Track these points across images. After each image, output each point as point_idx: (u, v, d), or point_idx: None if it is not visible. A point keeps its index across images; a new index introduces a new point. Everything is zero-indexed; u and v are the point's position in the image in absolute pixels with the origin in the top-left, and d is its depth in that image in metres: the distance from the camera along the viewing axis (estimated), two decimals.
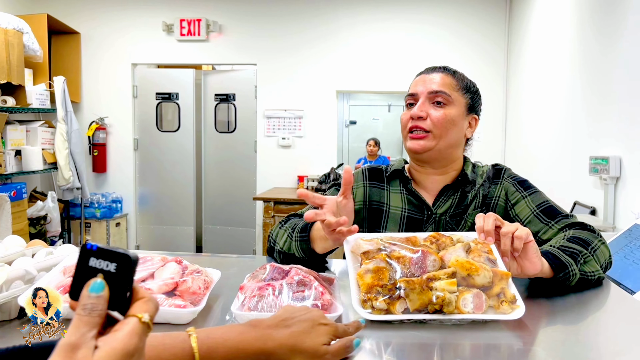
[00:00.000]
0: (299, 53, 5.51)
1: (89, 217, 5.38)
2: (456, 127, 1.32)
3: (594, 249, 1.11)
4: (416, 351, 0.78)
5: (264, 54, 5.52)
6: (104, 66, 5.64)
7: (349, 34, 5.44)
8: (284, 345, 0.66)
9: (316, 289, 0.81)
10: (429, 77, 1.33)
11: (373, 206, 1.39)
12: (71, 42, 5.61)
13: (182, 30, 5.53)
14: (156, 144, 5.75)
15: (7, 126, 4.58)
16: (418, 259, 0.88)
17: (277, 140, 5.56)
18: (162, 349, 0.61)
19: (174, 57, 5.62)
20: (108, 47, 5.63)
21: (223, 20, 5.53)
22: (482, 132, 5.34)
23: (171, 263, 0.88)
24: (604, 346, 0.83)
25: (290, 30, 5.49)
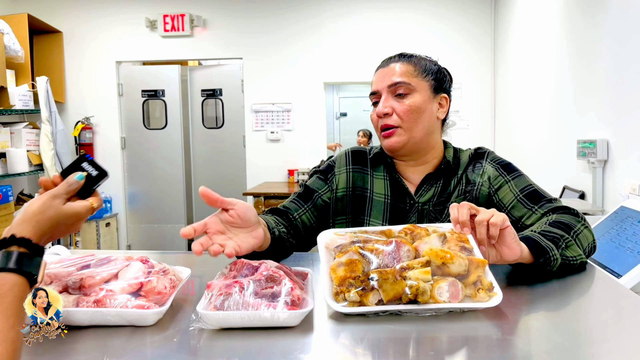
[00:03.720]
0: (285, 46, 5.45)
1: None
2: (425, 113, 1.29)
3: (577, 233, 1.09)
4: (391, 345, 0.75)
5: (250, 47, 5.47)
6: (87, 65, 5.57)
7: (334, 25, 5.39)
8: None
9: (286, 285, 0.78)
10: (387, 70, 1.30)
11: (357, 192, 1.36)
12: (53, 42, 5.53)
13: (166, 26, 5.46)
14: (144, 142, 5.70)
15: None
16: (392, 250, 0.85)
17: (265, 135, 5.52)
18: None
19: (158, 53, 5.56)
20: (91, 45, 5.55)
21: (207, 15, 5.47)
22: (470, 118, 5.33)
23: (136, 262, 0.85)
24: (586, 333, 0.81)
25: (275, 23, 5.43)
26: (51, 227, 0.75)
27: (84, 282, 0.80)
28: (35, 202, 0.76)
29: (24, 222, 0.73)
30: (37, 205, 0.75)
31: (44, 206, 0.76)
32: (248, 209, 0.95)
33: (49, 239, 0.77)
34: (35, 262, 0.70)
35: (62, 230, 0.78)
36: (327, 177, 1.38)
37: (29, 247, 0.70)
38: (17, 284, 0.66)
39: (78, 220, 0.80)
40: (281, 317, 0.75)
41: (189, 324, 0.78)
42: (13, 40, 4.70)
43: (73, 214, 0.79)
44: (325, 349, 0.74)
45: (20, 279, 0.67)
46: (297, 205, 1.33)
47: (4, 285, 0.65)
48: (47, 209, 0.76)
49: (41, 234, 0.73)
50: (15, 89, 4.78)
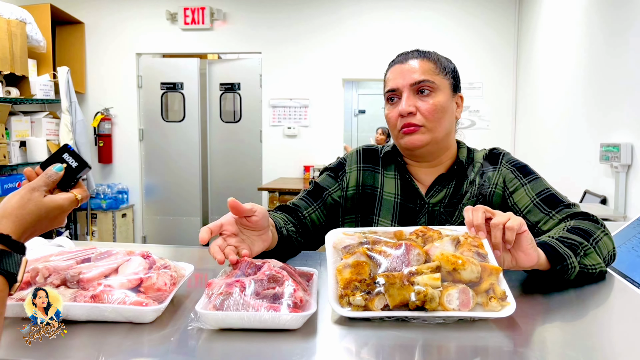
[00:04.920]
0: (304, 41, 5.42)
1: (95, 208, 5.37)
2: (447, 113, 1.24)
3: (596, 240, 1.04)
4: (396, 353, 0.71)
5: (269, 42, 5.45)
6: (108, 56, 5.60)
7: (355, 22, 5.34)
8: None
9: (288, 286, 0.75)
10: (406, 67, 1.23)
11: (366, 191, 1.32)
12: (75, 32, 5.58)
13: (186, 19, 5.47)
14: (162, 135, 5.72)
15: (12, 117, 4.57)
16: (401, 253, 0.82)
17: (282, 130, 5.50)
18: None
19: (178, 46, 5.57)
20: (112, 37, 5.59)
21: (227, 8, 5.46)
22: (491, 118, 5.24)
23: (137, 257, 0.83)
24: (603, 347, 0.77)
25: (295, 17, 5.40)
26: (33, 222, 0.72)
27: (82, 276, 0.78)
28: (13, 196, 0.73)
29: (3, 217, 0.70)
30: (16, 199, 0.72)
31: (23, 200, 0.73)
32: (265, 217, 0.98)
33: (31, 235, 0.74)
34: (16, 260, 0.66)
35: (45, 224, 0.75)
36: (337, 175, 1.35)
37: (9, 244, 0.67)
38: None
39: (61, 213, 0.77)
40: (282, 320, 0.72)
41: (188, 323, 0.75)
42: (35, 30, 4.75)
43: (55, 207, 0.76)
44: (327, 354, 0.71)
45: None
46: (307, 203, 1.31)
47: None
48: (27, 203, 0.72)
49: (22, 229, 0.71)
50: (37, 79, 4.84)
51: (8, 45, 4.33)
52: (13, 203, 0.72)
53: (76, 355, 0.69)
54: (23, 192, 0.74)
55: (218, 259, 0.86)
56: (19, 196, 0.73)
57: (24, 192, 0.74)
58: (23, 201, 0.73)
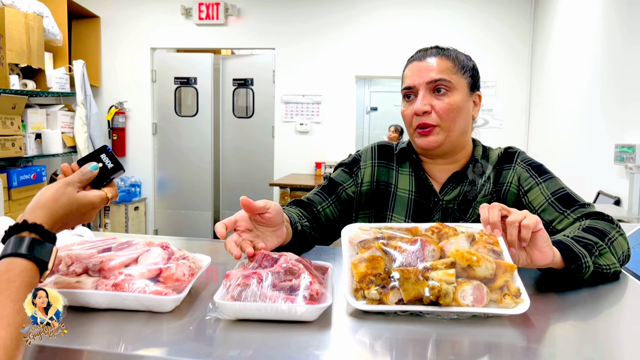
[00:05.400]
0: (318, 37, 5.42)
1: None
2: (463, 112, 1.24)
3: (611, 240, 1.04)
4: (409, 346, 0.72)
5: (283, 38, 5.46)
6: (123, 50, 5.65)
7: (368, 18, 5.33)
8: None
9: (305, 279, 0.77)
10: (423, 65, 1.23)
11: (380, 187, 1.33)
12: (91, 26, 5.63)
13: (201, 14, 5.49)
14: (175, 129, 5.76)
15: (28, 110, 4.62)
16: (416, 249, 0.83)
17: (294, 126, 5.52)
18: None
19: (192, 41, 5.60)
20: (127, 31, 5.63)
21: (241, 4, 5.48)
22: (504, 117, 5.21)
23: (156, 248, 0.84)
24: (616, 347, 0.77)
25: (309, 13, 5.41)
26: (64, 215, 0.75)
27: (104, 265, 0.80)
28: (49, 189, 0.76)
29: (37, 208, 0.73)
30: (50, 192, 0.76)
31: (57, 193, 0.76)
32: (279, 213, 0.99)
33: (62, 227, 0.76)
34: (47, 249, 0.70)
35: (75, 218, 0.78)
36: (352, 170, 1.36)
37: (41, 233, 0.70)
38: (27, 269, 0.66)
39: (92, 209, 0.80)
40: (298, 311, 0.74)
41: (206, 312, 0.77)
42: (52, 23, 4.80)
43: (87, 203, 0.79)
44: (342, 346, 0.72)
45: (31, 264, 0.67)
46: (321, 198, 1.32)
47: (14, 269, 0.65)
48: (61, 196, 0.76)
49: (54, 221, 0.74)
50: (53, 72, 4.89)
51: (25, 39, 4.38)
52: (48, 195, 0.75)
53: (98, 341, 0.71)
54: (58, 185, 0.77)
55: (235, 255, 0.88)
56: (54, 189, 0.77)
57: (59, 185, 0.77)
58: (57, 194, 0.76)
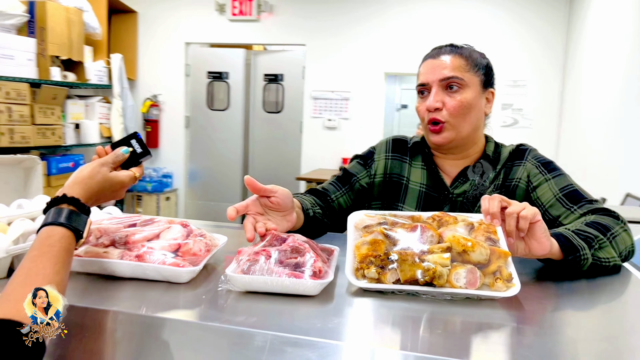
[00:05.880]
0: (347, 33, 5.47)
1: (140, 190, 5.62)
2: (474, 109, 1.28)
3: (614, 235, 1.07)
4: (404, 322, 0.78)
5: (313, 34, 5.52)
6: (159, 45, 5.82)
7: (398, 14, 5.35)
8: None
9: (309, 257, 0.83)
10: (437, 62, 1.28)
11: (393, 179, 1.38)
12: (129, 21, 5.81)
13: (234, 10, 5.61)
14: (206, 122, 5.91)
15: (68, 101, 4.82)
16: (416, 234, 0.88)
17: (322, 122, 5.58)
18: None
19: (225, 36, 5.72)
20: (163, 26, 5.79)
21: (274, 0, 5.56)
22: (534, 118, 5.16)
23: (176, 225, 0.93)
24: (598, 330, 0.81)
25: (339, 9, 5.46)
26: (98, 191, 0.85)
27: (128, 239, 0.88)
28: (85, 167, 0.86)
29: (75, 184, 0.83)
30: (87, 170, 0.85)
31: (93, 172, 0.86)
32: (287, 198, 1.05)
33: (96, 202, 0.86)
34: (83, 220, 0.79)
35: (107, 194, 0.87)
36: (366, 162, 1.42)
37: (78, 206, 0.79)
38: (65, 236, 0.75)
39: (122, 188, 0.90)
40: (302, 286, 0.80)
41: (218, 284, 0.84)
42: (92, 17, 4.99)
43: (118, 182, 0.89)
44: (341, 318, 0.78)
45: (68, 232, 0.76)
46: (335, 187, 1.38)
47: (54, 236, 0.74)
48: (96, 175, 0.86)
49: (89, 195, 0.83)
50: (92, 65, 5.08)
51: (66, 32, 4.58)
52: (85, 173, 0.85)
53: (122, 304, 0.79)
54: (94, 165, 0.87)
55: (248, 237, 0.95)
56: (90, 168, 0.87)
57: (94, 165, 0.87)
58: (93, 173, 0.86)
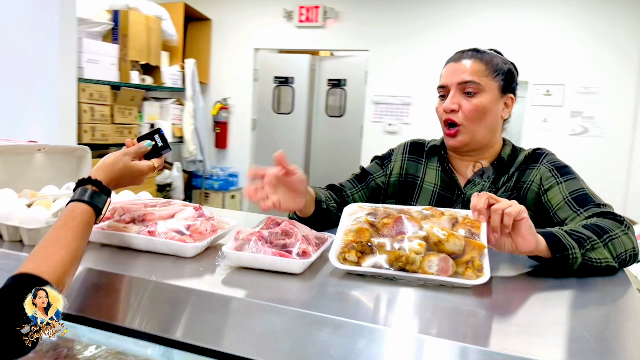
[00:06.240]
0: (411, 40, 5.49)
1: (208, 188, 5.93)
2: (490, 113, 1.32)
3: (611, 237, 1.07)
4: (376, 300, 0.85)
5: (377, 40, 5.59)
6: (229, 50, 6.12)
7: (463, 22, 5.30)
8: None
9: (296, 239, 0.93)
10: (457, 66, 1.33)
11: (408, 179, 1.45)
12: (203, 28, 6.16)
13: (301, 17, 5.80)
14: (272, 125, 6.14)
15: (145, 102, 5.20)
16: (399, 224, 0.95)
17: (383, 126, 5.63)
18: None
19: (292, 42, 5.93)
20: (234, 32, 6.09)
21: (340, 7, 5.70)
22: (605, 127, 4.93)
23: (189, 208, 1.05)
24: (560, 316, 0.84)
25: (404, 16, 5.49)
26: (119, 176, 0.99)
27: (146, 217, 1.02)
28: (110, 155, 1.00)
29: (100, 169, 0.97)
30: (111, 158, 1.00)
31: (116, 159, 1.00)
32: (302, 183, 1.14)
33: (116, 185, 1.00)
34: (103, 199, 0.92)
35: (127, 180, 1.01)
36: (383, 162, 1.49)
37: (100, 187, 0.93)
38: (86, 211, 0.89)
39: (140, 175, 1.04)
40: (286, 264, 0.90)
41: (216, 259, 0.96)
42: (169, 25, 5.36)
43: (137, 170, 1.03)
44: (320, 294, 0.88)
45: (89, 209, 0.89)
46: (352, 184, 1.47)
47: (76, 210, 0.88)
48: (118, 162, 0.99)
49: (110, 179, 0.97)
50: (168, 69, 5.46)
51: (145, 39, 4.95)
52: (109, 160, 1.00)
53: (136, 270, 0.92)
54: (118, 154, 1.02)
55: (247, 193, 1.06)
56: (114, 156, 1.01)
57: (118, 154, 1.02)
58: (116, 160, 1.00)
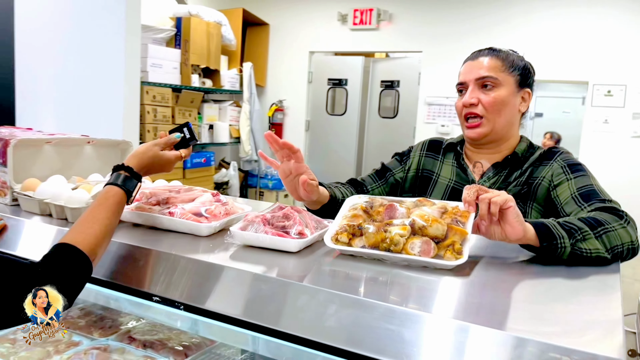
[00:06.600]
0: (465, 40, 5.44)
1: (262, 187, 6.15)
2: (508, 105, 1.38)
3: (606, 230, 1.09)
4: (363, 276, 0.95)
5: (430, 41, 5.60)
6: (286, 54, 6.32)
7: (520, 22, 5.21)
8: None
9: (294, 222, 1.04)
10: (475, 63, 1.40)
11: (424, 174, 1.52)
12: (261, 33, 6.40)
13: (355, 20, 5.90)
14: (325, 126, 6.28)
15: (204, 104, 5.49)
16: (389, 210, 1.04)
17: (436, 128, 5.62)
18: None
19: (346, 45, 6.04)
20: (291, 36, 6.29)
21: (393, 9, 5.75)
22: None
23: (208, 194, 1.19)
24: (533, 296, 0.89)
25: (457, 17, 5.47)
26: (149, 164, 1.12)
27: (169, 200, 1.16)
28: (142, 145, 1.14)
29: (132, 157, 1.11)
30: (143, 148, 1.13)
31: (147, 149, 1.13)
32: (303, 168, 1.33)
33: (146, 172, 1.13)
34: (133, 183, 1.06)
35: (156, 167, 1.14)
36: (402, 159, 1.57)
37: (132, 173, 1.07)
38: (118, 193, 1.03)
39: (168, 163, 1.16)
40: (283, 243, 1.01)
41: (225, 238, 1.08)
42: (229, 31, 5.62)
43: (165, 159, 1.15)
44: (314, 270, 0.98)
45: (121, 191, 1.03)
46: (372, 180, 1.56)
47: (110, 191, 1.02)
48: (148, 151, 1.12)
49: (140, 166, 1.10)
50: (226, 72, 5.72)
51: (206, 44, 5.23)
52: (140, 149, 1.13)
53: (158, 246, 1.06)
54: (149, 144, 1.15)
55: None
56: (145, 146, 1.15)
57: (149, 144, 1.15)
58: (146, 149, 1.14)
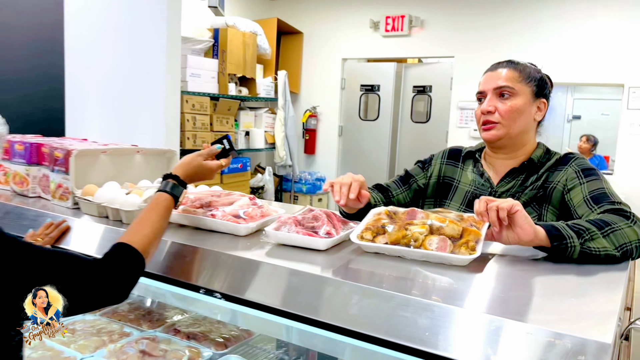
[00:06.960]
0: (498, 45, 5.45)
1: (297, 191, 6.29)
2: (524, 114, 1.46)
3: (613, 229, 1.15)
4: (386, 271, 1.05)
5: (462, 46, 5.62)
6: (319, 61, 6.45)
7: (552, 26, 5.18)
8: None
9: (323, 223, 1.15)
10: (494, 74, 1.49)
11: (445, 181, 1.61)
12: (295, 41, 6.56)
13: (387, 27, 5.98)
14: (358, 132, 6.38)
15: (240, 112, 5.67)
16: (409, 214, 1.14)
17: (468, 132, 5.64)
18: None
19: (378, 51, 6.13)
20: (324, 44, 6.41)
21: (425, 15, 5.81)
22: None
23: (245, 198, 1.32)
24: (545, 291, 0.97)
25: (489, 22, 5.48)
26: (193, 173, 1.24)
27: (211, 203, 1.29)
28: (187, 156, 1.27)
29: (179, 166, 1.23)
30: (188, 158, 1.26)
31: (192, 159, 1.26)
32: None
33: (191, 180, 1.25)
34: (180, 190, 1.19)
35: (200, 176, 1.26)
36: (424, 166, 1.67)
37: (178, 180, 1.19)
38: (168, 199, 1.16)
39: (210, 172, 1.28)
40: (313, 241, 1.12)
41: (261, 237, 1.21)
42: (264, 40, 5.80)
43: (207, 168, 1.27)
44: (341, 265, 1.09)
45: (170, 197, 1.16)
46: (397, 186, 1.66)
47: (160, 197, 1.15)
48: (192, 161, 1.25)
49: (186, 175, 1.22)
50: (262, 80, 5.89)
51: (242, 53, 5.41)
52: (186, 160, 1.26)
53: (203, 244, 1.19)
54: (193, 155, 1.28)
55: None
56: (190, 157, 1.27)
57: (193, 155, 1.28)
58: (191, 160, 1.26)
